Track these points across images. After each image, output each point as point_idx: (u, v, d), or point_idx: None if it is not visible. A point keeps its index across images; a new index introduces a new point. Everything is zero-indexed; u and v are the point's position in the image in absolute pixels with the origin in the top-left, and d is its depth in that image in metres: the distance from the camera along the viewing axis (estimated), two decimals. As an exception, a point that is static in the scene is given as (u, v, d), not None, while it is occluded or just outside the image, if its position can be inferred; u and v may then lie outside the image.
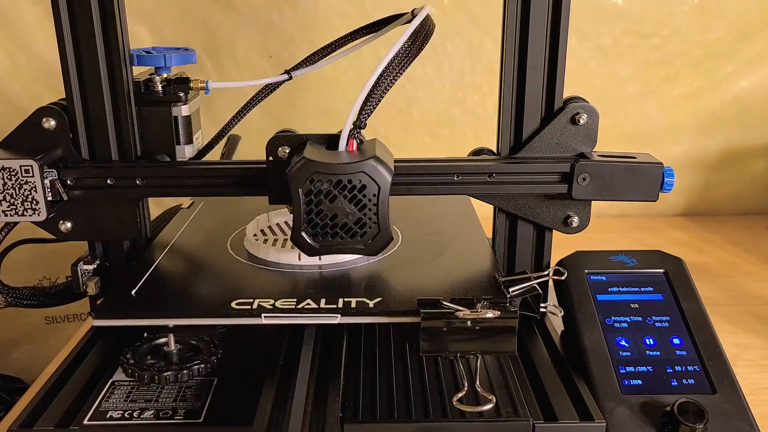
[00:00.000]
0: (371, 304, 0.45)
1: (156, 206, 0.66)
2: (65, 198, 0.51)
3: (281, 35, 0.89)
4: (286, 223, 0.61)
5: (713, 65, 0.93)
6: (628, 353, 0.49)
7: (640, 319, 0.52)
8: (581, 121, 0.51)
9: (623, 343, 0.50)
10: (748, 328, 0.67)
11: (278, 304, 0.45)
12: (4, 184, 0.48)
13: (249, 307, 0.45)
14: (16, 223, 0.53)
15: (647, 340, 0.50)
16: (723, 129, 0.96)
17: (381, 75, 0.46)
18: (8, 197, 0.49)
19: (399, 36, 0.47)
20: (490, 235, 0.58)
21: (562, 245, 0.57)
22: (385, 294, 0.47)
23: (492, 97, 0.92)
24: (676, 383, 0.47)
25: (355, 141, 0.47)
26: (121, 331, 0.51)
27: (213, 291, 0.49)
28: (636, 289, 0.54)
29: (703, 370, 0.48)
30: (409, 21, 0.52)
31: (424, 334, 0.43)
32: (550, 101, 0.52)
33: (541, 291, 0.47)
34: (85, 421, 0.44)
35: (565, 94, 0.53)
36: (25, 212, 0.49)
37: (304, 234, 0.46)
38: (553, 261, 0.57)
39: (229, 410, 0.45)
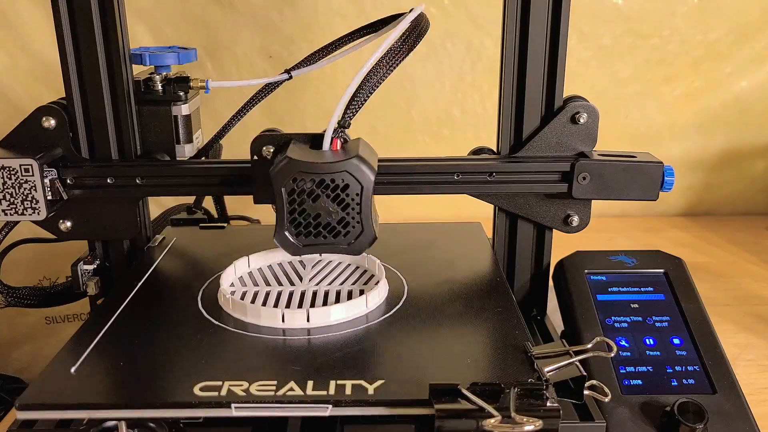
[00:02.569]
0: (371, 389, 0.37)
1: (156, 206, 0.66)
2: (65, 197, 0.51)
3: (281, 35, 0.89)
4: (269, 267, 0.53)
5: (713, 65, 0.93)
6: (628, 353, 0.49)
7: (640, 319, 0.52)
8: (581, 121, 0.51)
9: (623, 343, 0.50)
10: (748, 328, 0.67)
11: (253, 389, 0.37)
12: (4, 183, 0.48)
13: (216, 393, 0.37)
14: (16, 223, 0.53)
15: (647, 340, 0.50)
16: (723, 129, 0.96)
17: (368, 74, 0.46)
18: (8, 196, 0.49)
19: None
20: (490, 234, 0.58)
21: (562, 245, 0.57)
22: (389, 372, 0.39)
23: (492, 97, 0.92)
24: (676, 383, 0.47)
25: (339, 140, 0.46)
26: None
27: (173, 368, 0.40)
28: (636, 289, 0.54)
29: (703, 370, 0.48)
30: (422, 20, 0.52)
31: None
32: (550, 100, 0.52)
33: (585, 373, 0.39)
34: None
35: (565, 94, 0.53)
36: (25, 211, 0.49)
37: (287, 233, 0.45)
38: (553, 261, 0.57)
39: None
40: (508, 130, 0.53)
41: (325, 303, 0.47)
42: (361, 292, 0.48)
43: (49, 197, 0.50)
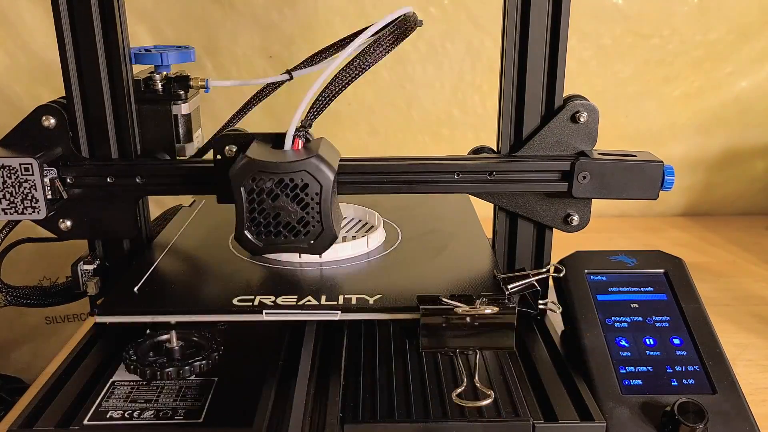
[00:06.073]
0: (371, 300, 0.46)
1: (156, 206, 0.66)
2: (65, 196, 0.51)
3: (281, 35, 0.89)
4: None
5: (713, 65, 0.93)
6: (628, 353, 0.49)
7: (640, 319, 0.52)
8: (581, 120, 0.51)
9: (623, 343, 0.50)
10: (748, 328, 0.67)
11: (279, 300, 0.46)
12: (4, 182, 0.48)
13: (250, 303, 0.45)
14: (16, 223, 0.53)
15: (647, 340, 0.50)
16: (723, 129, 0.96)
17: (336, 75, 0.46)
18: (8, 195, 0.49)
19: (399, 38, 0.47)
20: (490, 234, 0.58)
21: (562, 245, 0.57)
22: (385, 291, 0.47)
23: (492, 97, 0.92)
24: (676, 383, 0.47)
25: (300, 140, 0.47)
26: (121, 331, 0.51)
27: (214, 288, 0.49)
28: (636, 289, 0.54)
29: (703, 370, 0.48)
30: (406, 23, 0.52)
31: (424, 330, 0.44)
32: (551, 99, 0.52)
33: (539, 288, 0.47)
34: (85, 421, 0.44)
35: (565, 93, 0.53)
36: (24, 210, 0.49)
37: (247, 233, 0.46)
38: (554, 260, 0.56)
39: (229, 410, 0.45)
40: (508, 130, 0.53)
41: None
42: (363, 236, 0.55)
43: (49, 196, 0.50)
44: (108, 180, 0.52)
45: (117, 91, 0.52)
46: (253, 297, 0.46)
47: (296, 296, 0.46)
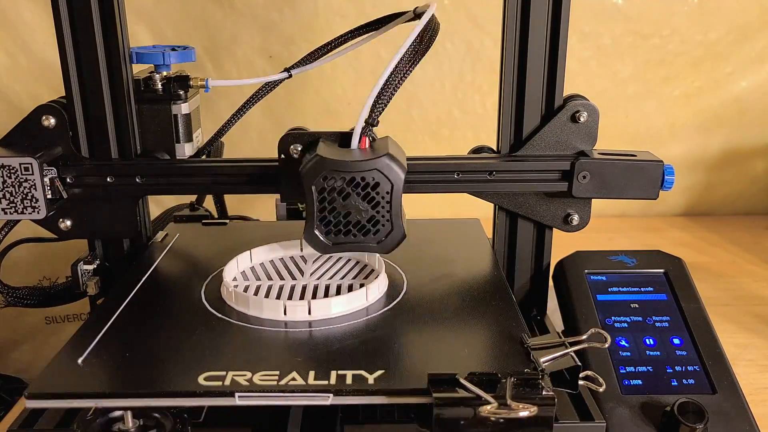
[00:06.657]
0: (371, 379, 0.37)
1: (156, 206, 0.65)
2: (65, 196, 0.51)
3: (281, 35, 0.89)
4: (271, 262, 0.53)
5: (713, 65, 0.93)
6: (628, 353, 0.49)
7: (640, 319, 0.52)
8: (581, 119, 0.51)
9: (623, 343, 0.50)
10: (748, 328, 0.67)
11: (257, 378, 0.38)
12: (4, 182, 0.48)
13: (220, 383, 0.37)
14: (16, 222, 0.53)
15: (647, 340, 0.50)
16: (723, 129, 0.96)
17: (392, 72, 0.46)
18: (8, 195, 0.49)
19: (401, 34, 0.47)
20: (490, 235, 0.58)
21: (562, 244, 0.57)
22: (389, 363, 0.39)
23: (492, 97, 0.92)
24: (676, 383, 0.47)
25: (367, 138, 0.47)
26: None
27: (178, 359, 0.41)
28: (636, 289, 0.54)
29: (703, 370, 0.48)
30: (412, 19, 0.52)
31: (438, 426, 0.35)
32: (551, 99, 0.52)
33: (579, 363, 0.40)
34: (85, 421, 0.43)
35: (565, 94, 0.53)
36: (24, 210, 0.49)
37: (317, 231, 0.46)
38: (554, 260, 0.56)
39: (229, 410, 0.45)
40: (508, 129, 0.53)
41: (326, 296, 0.47)
42: (361, 286, 0.48)
43: (49, 196, 0.50)
44: (108, 180, 0.52)
45: (117, 90, 0.52)
46: (224, 373, 0.38)
47: (278, 372, 0.38)
